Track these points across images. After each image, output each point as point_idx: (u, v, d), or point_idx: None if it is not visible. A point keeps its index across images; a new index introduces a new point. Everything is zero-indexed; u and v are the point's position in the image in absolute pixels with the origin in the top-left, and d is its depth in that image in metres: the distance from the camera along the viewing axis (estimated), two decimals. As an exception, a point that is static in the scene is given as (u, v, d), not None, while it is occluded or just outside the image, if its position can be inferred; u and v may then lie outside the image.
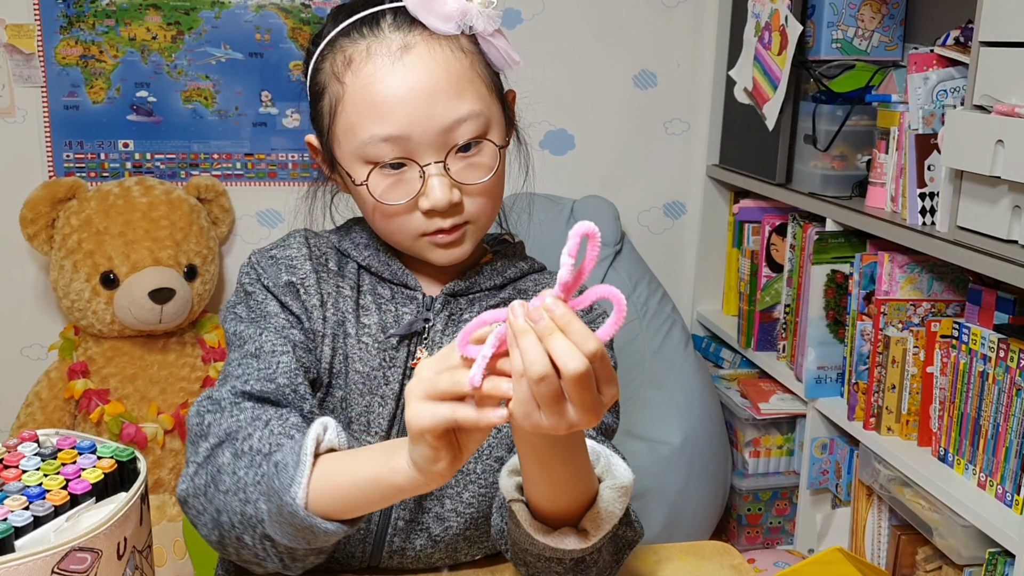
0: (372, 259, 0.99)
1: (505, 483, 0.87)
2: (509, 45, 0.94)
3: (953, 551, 1.53)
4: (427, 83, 0.87)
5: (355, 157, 0.91)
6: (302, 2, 2.24)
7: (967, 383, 1.56)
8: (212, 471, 0.86)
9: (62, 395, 2.08)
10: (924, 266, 1.73)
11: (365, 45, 0.89)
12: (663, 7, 2.41)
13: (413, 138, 0.88)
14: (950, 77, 1.68)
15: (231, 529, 0.84)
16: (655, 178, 2.50)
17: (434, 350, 0.96)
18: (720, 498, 2.14)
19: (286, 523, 0.79)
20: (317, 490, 0.78)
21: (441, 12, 0.89)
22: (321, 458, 0.80)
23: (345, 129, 0.91)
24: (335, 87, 0.91)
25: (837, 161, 1.95)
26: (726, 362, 2.40)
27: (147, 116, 2.24)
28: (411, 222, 0.92)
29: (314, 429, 0.81)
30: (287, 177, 2.32)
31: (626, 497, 0.84)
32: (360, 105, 0.89)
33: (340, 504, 0.78)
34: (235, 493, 0.83)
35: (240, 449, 0.86)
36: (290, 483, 0.78)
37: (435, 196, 0.89)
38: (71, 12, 2.16)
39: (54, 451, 0.85)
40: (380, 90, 0.87)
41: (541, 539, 0.82)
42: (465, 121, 0.89)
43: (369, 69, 0.88)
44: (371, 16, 0.91)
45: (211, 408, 0.90)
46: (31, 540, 0.74)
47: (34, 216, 2.07)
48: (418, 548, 0.99)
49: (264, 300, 0.96)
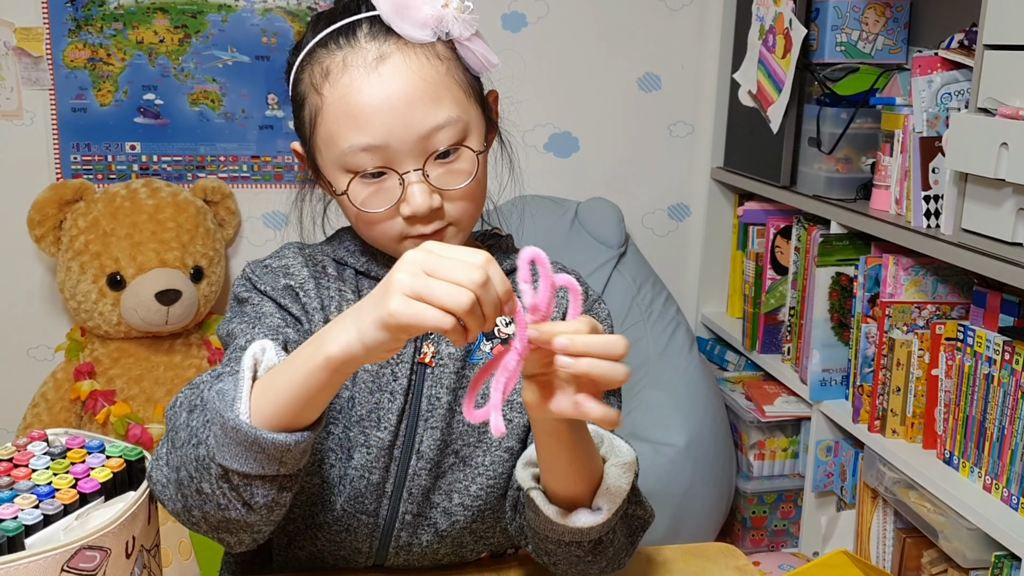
0: (370, 264, 1.00)
1: (521, 474, 0.91)
2: (487, 48, 0.94)
3: (959, 554, 1.53)
4: (403, 92, 0.88)
5: (336, 166, 0.92)
6: (308, 5, 2.25)
7: (972, 386, 1.56)
8: (171, 435, 0.84)
9: (68, 396, 2.08)
10: (929, 268, 1.74)
11: (341, 56, 0.90)
12: (667, 10, 2.41)
13: (392, 146, 0.89)
14: (954, 80, 1.68)
15: (189, 483, 0.80)
16: (659, 180, 2.50)
17: (440, 344, 0.97)
18: (725, 500, 2.14)
19: (233, 443, 0.76)
20: (258, 403, 0.76)
21: (416, 19, 0.89)
22: (260, 380, 0.79)
23: (325, 139, 0.91)
24: (314, 98, 0.91)
25: (841, 164, 1.95)
26: (731, 364, 2.40)
27: (154, 119, 2.25)
28: (393, 227, 0.93)
29: (251, 350, 0.79)
30: (293, 179, 2.33)
31: (631, 472, 0.89)
32: (338, 116, 0.89)
33: (283, 409, 0.76)
34: (188, 442, 0.80)
35: (194, 404, 0.83)
36: (232, 401, 0.76)
37: (415, 203, 0.90)
38: (79, 16, 2.17)
39: (63, 450, 0.85)
40: (357, 100, 0.88)
41: (560, 521, 0.87)
42: (443, 128, 0.89)
43: (346, 80, 0.89)
44: (347, 26, 0.91)
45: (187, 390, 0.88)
46: (41, 538, 0.75)
47: (41, 218, 2.08)
48: (424, 543, 0.99)
49: (260, 303, 0.95)
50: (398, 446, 0.97)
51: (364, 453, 0.96)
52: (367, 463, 0.96)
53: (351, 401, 0.96)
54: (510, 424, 1.00)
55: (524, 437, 1.01)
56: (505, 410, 1.00)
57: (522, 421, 1.00)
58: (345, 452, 0.96)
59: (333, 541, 0.99)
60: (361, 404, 0.96)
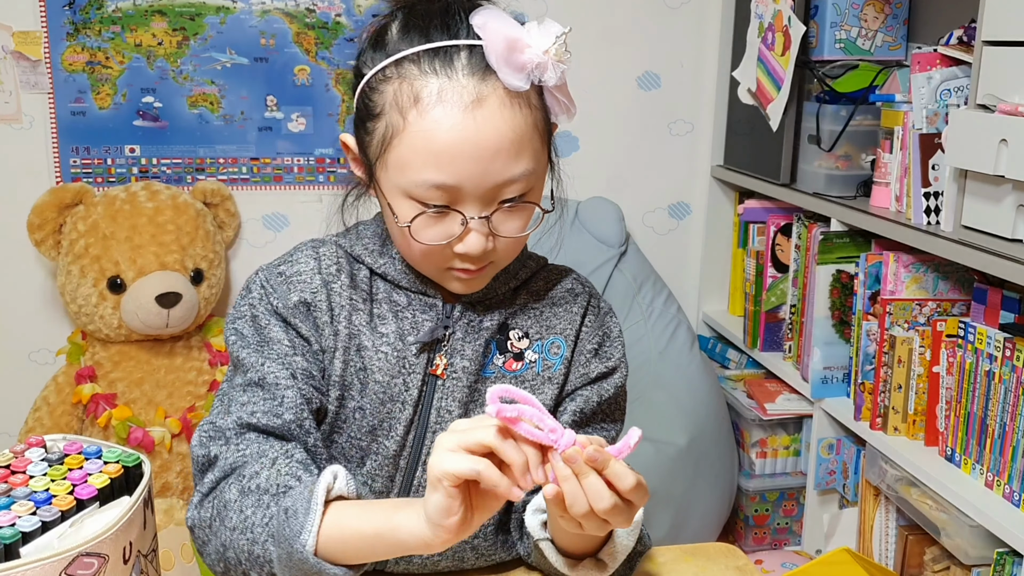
0: (388, 267, 0.97)
1: (531, 522, 0.95)
2: (570, 94, 0.92)
3: (961, 551, 1.53)
4: (492, 141, 0.85)
5: (400, 191, 0.88)
6: (307, 7, 2.25)
7: (973, 382, 1.56)
8: (218, 505, 0.87)
9: (70, 400, 2.09)
10: (929, 265, 1.73)
11: (437, 86, 0.85)
12: (666, 8, 2.41)
13: (464, 190, 0.87)
14: (953, 76, 1.67)
15: (237, 564, 0.86)
16: (660, 179, 2.50)
17: (454, 357, 0.96)
18: (727, 499, 2.13)
19: (296, 568, 0.81)
20: (326, 538, 0.81)
21: (519, 64, 0.86)
22: (331, 506, 0.82)
23: (397, 163, 0.88)
24: (395, 118, 0.87)
25: (841, 161, 1.95)
26: (732, 363, 2.40)
27: (153, 121, 2.25)
28: (440, 258, 0.91)
29: (324, 477, 0.83)
30: (292, 181, 2.33)
31: (637, 529, 0.92)
32: (419, 149, 0.86)
33: (347, 553, 0.82)
34: (242, 532, 0.84)
35: (247, 487, 0.86)
36: (300, 530, 0.80)
37: (471, 245, 0.89)
38: (77, 19, 2.17)
39: (61, 456, 0.85)
40: (444, 140, 0.85)
41: (568, 572, 0.93)
42: (517, 181, 0.88)
43: (437, 115, 0.85)
44: (445, 50, 0.86)
45: (215, 436, 0.91)
46: (38, 546, 0.75)
47: (41, 222, 2.08)
48: (424, 556, 1.00)
49: (268, 324, 0.94)
50: (404, 456, 0.97)
51: (371, 461, 0.96)
52: (372, 470, 0.97)
53: (361, 411, 0.96)
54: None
55: None
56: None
57: None
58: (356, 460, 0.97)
59: None
60: (373, 415, 0.96)
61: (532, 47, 0.86)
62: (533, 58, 0.86)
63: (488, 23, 0.86)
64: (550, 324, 1.01)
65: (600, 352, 1.02)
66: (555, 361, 1.00)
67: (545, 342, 1.00)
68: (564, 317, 1.01)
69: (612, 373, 1.03)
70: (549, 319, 1.01)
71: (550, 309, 1.01)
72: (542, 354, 1.00)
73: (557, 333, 1.00)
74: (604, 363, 1.02)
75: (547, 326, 1.00)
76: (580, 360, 1.01)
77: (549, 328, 1.00)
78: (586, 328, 1.02)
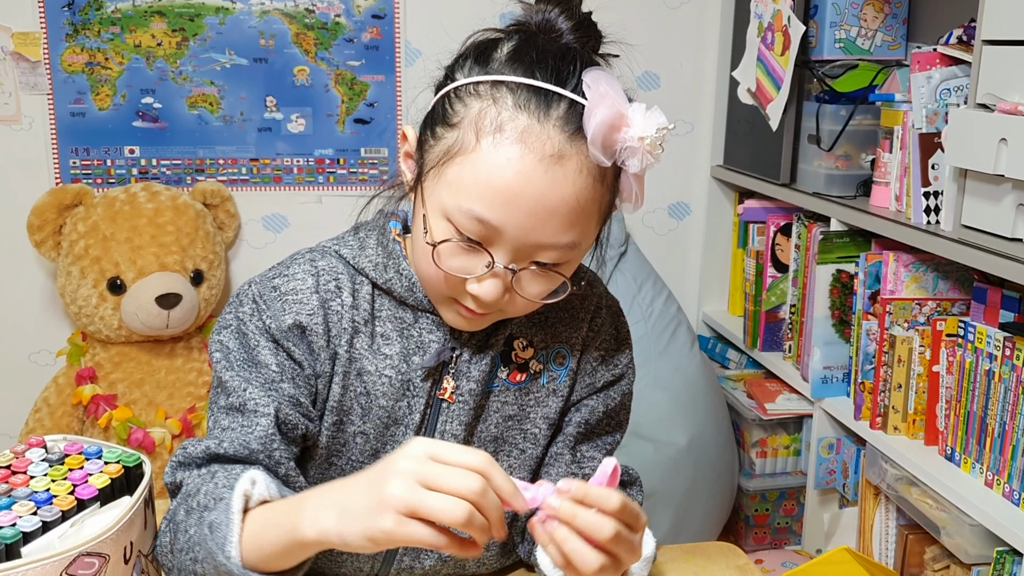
0: (394, 283, 0.93)
1: (542, 560, 0.94)
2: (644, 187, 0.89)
3: (961, 550, 1.53)
4: (554, 202, 0.81)
5: (441, 209, 0.84)
6: (306, 8, 2.25)
7: (973, 382, 1.56)
8: (172, 528, 0.85)
9: (70, 401, 2.09)
10: (929, 265, 1.73)
11: (525, 124, 0.81)
12: (666, 8, 2.41)
13: (504, 235, 0.82)
14: (953, 76, 1.67)
15: None
16: (659, 179, 2.50)
17: (461, 380, 0.94)
18: (727, 499, 2.14)
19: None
20: (248, 546, 0.78)
21: (612, 140, 0.82)
22: (251, 513, 0.79)
23: (451, 182, 0.83)
24: (469, 137, 0.82)
25: (841, 161, 1.95)
26: (732, 362, 2.40)
27: (153, 122, 2.25)
28: (450, 287, 0.87)
29: (241, 485, 0.79)
30: (292, 182, 2.33)
31: (650, 564, 0.92)
32: (480, 178, 0.81)
33: (269, 560, 0.78)
34: (187, 551, 0.82)
35: (190, 506, 0.84)
36: (223, 543, 0.77)
37: (486, 291, 0.85)
38: (77, 20, 2.17)
39: (61, 457, 0.85)
40: (508, 179, 0.80)
41: None
42: (559, 249, 0.84)
43: (512, 153, 0.80)
44: (547, 94, 0.82)
45: (185, 463, 0.88)
46: (39, 546, 0.75)
47: (41, 223, 2.08)
48: (427, 567, 0.99)
49: (257, 345, 0.90)
50: None
51: None
52: None
53: (363, 435, 0.94)
54: (523, 455, 0.99)
55: (536, 469, 1.00)
56: (518, 439, 0.99)
57: (535, 453, 0.99)
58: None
59: (335, 561, 0.99)
60: (376, 439, 0.94)
61: (631, 129, 0.83)
62: (627, 140, 0.83)
63: (598, 87, 0.83)
64: (555, 332, 0.98)
65: (607, 359, 1.01)
66: (560, 372, 0.98)
67: (550, 352, 0.98)
68: (570, 324, 0.99)
69: (619, 380, 1.02)
70: (555, 326, 0.98)
71: (555, 315, 0.99)
72: (547, 365, 0.98)
73: (562, 342, 0.98)
74: (611, 371, 1.01)
75: (552, 334, 0.98)
76: (586, 369, 1.00)
77: (554, 337, 0.98)
78: (592, 334, 1.00)
